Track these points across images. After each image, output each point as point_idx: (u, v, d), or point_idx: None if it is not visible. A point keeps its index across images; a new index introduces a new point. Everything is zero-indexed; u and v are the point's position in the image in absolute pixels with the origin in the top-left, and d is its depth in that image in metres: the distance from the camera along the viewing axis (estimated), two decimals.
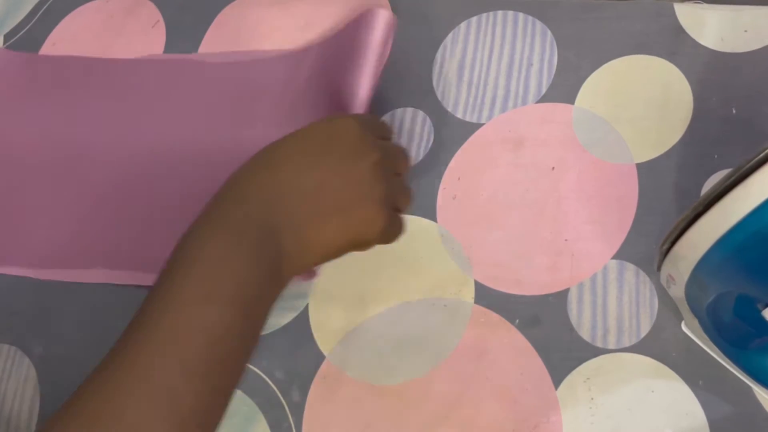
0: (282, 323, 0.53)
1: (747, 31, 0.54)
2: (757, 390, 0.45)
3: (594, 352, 0.48)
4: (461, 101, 0.57)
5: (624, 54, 0.55)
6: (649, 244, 0.50)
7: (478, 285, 0.52)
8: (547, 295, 0.50)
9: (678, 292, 0.42)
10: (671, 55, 0.54)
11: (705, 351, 0.46)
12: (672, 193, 0.51)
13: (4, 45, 0.69)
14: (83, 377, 0.55)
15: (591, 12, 0.57)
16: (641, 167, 0.52)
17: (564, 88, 0.56)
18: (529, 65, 0.57)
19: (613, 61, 0.55)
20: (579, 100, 0.55)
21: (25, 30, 0.69)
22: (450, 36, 0.59)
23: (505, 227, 0.53)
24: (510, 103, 0.56)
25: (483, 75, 0.58)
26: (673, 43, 0.55)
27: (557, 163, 0.54)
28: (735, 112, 0.52)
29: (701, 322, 0.42)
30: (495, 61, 0.57)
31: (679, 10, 0.55)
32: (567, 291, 0.50)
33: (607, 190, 0.52)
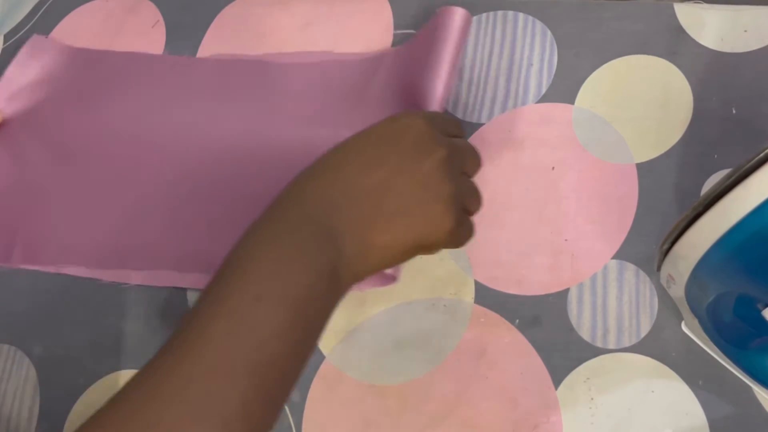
0: None
1: (747, 31, 0.54)
2: (757, 390, 0.45)
3: (594, 352, 0.48)
4: (461, 101, 0.57)
5: (624, 54, 0.55)
6: (649, 244, 0.50)
7: (478, 285, 0.52)
8: (547, 295, 0.50)
9: (678, 292, 0.42)
10: (671, 55, 0.54)
11: (705, 351, 0.46)
12: (672, 193, 0.51)
13: (4, 45, 0.69)
14: (83, 377, 0.55)
15: (591, 12, 0.57)
16: (641, 167, 0.52)
17: (564, 88, 0.56)
18: (529, 65, 0.57)
19: (613, 61, 0.55)
20: (579, 100, 0.55)
21: (25, 30, 0.69)
22: None
23: (505, 227, 0.53)
24: (510, 103, 0.56)
25: (483, 75, 0.57)
26: (673, 43, 0.55)
27: (557, 163, 0.54)
28: (735, 112, 0.52)
29: (701, 322, 0.42)
30: (495, 61, 0.57)
31: (679, 10, 0.55)
32: (567, 291, 0.50)
33: (607, 190, 0.52)
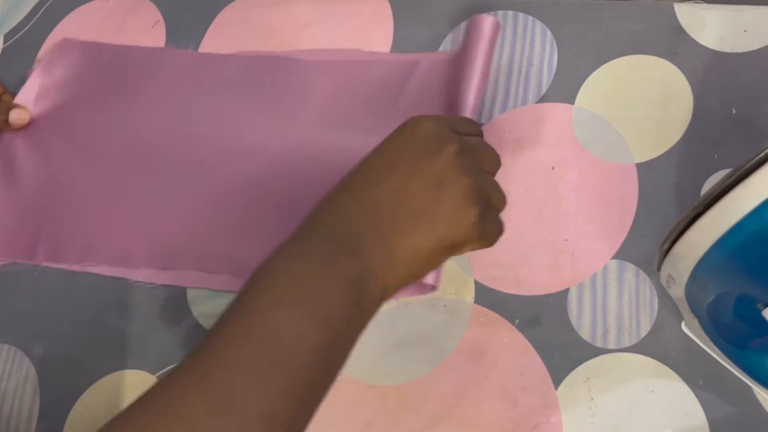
0: None
1: (747, 31, 0.54)
2: (757, 390, 0.45)
3: (594, 352, 0.48)
4: None
5: (624, 54, 0.55)
6: (649, 244, 0.50)
7: (478, 285, 0.52)
8: (547, 295, 0.50)
9: (678, 292, 0.42)
10: (671, 55, 0.54)
11: (705, 351, 0.46)
12: (672, 193, 0.51)
13: (4, 45, 0.69)
14: (83, 377, 0.55)
15: (591, 12, 0.57)
16: (641, 167, 0.52)
17: (564, 88, 0.56)
18: (529, 65, 0.57)
19: (613, 61, 0.55)
20: (579, 100, 0.55)
21: (25, 30, 0.69)
22: (450, 36, 0.59)
23: (505, 227, 0.53)
24: (510, 103, 0.56)
25: None
26: (673, 43, 0.54)
27: (557, 163, 0.54)
28: (735, 112, 0.52)
29: (701, 322, 0.42)
30: (495, 61, 0.57)
31: (679, 10, 0.55)
32: (567, 291, 0.50)
33: (607, 190, 0.52)
